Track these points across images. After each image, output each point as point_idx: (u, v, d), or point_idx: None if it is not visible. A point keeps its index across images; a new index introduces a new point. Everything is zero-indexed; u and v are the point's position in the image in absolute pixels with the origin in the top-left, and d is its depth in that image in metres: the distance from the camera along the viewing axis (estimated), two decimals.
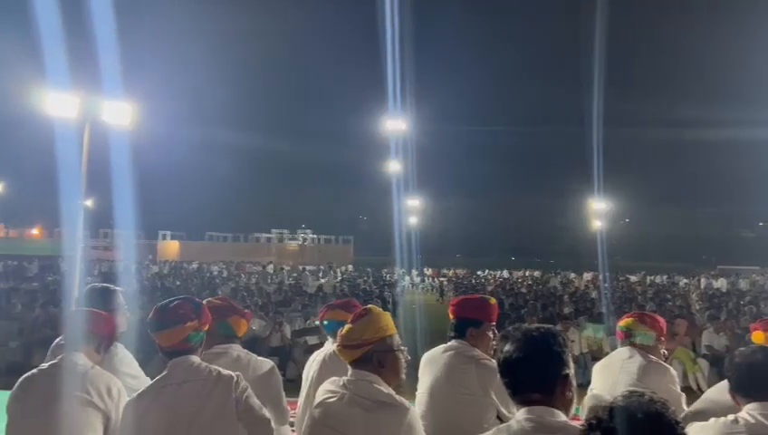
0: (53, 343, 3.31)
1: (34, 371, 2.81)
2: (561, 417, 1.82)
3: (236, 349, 3.21)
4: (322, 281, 25.41)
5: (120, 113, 9.35)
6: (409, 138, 26.18)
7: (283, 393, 3.24)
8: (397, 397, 2.47)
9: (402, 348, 2.66)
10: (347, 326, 2.66)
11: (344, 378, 2.56)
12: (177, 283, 23.33)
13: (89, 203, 10.13)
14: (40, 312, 12.03)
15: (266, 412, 2.62)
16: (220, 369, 2.61)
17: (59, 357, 2.80)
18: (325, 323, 3.64)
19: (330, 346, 3.57)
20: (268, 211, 69.83)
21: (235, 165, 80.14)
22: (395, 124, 24.52)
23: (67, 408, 2.61)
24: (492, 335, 3.22)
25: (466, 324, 3.21)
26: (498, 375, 3.04)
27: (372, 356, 2.53)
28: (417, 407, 3.12)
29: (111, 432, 2.72)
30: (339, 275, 32.58)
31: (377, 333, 2.57)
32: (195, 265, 34.92)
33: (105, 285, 3.59)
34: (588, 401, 3.27)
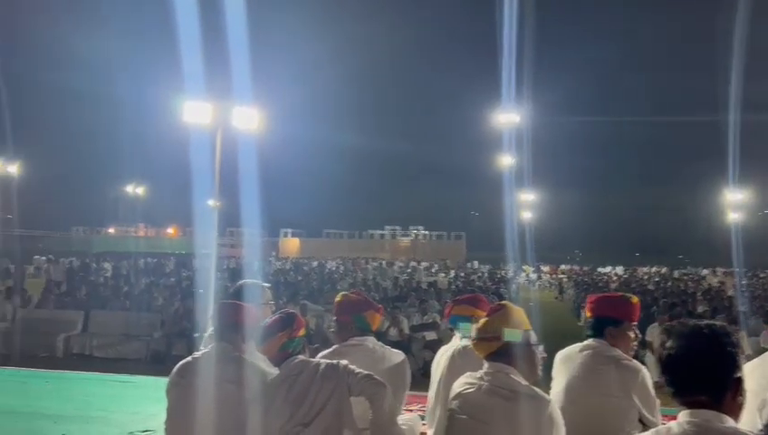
0: (207, 334, 3.59)
1: (189, 358, 3.06)
2: (731, 423, 1.69)
3: (371, 341, 3.33)
4: (439, 277, 25.44)
5: (248, 118, 9.90)
6: (524, 130, 25.51)
7: (408, 385, 3.34)
8: (537, 389, 2.45)
9: (538, 344, 2.63)
10: (482, 320, 2.67)
11: (481, 370, 2.58)
12: (299, 278, 24.36)
13: (218, 203, 10.80)
14: (179, 305, 13.05)
15: (377, 377, 2.76)
16: (327, 360, 2.82)
17: (210, 346, 3.02)
18: (452, 317, 3.65)
19: (457, 341, 3.57)
20: (382, 208, 71.13)
21: (351, 165, 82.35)
22: (508, 117, 24.00)
23: (220, 393, 2.82)
24: (633, 335, 3.07)
25: (605, 323, 3.07)
26: (641, 377, 2.91)
27: (509, 350, 2.52)
28: None
29: (249, 419, 2.92)
30: (452, 271, 32.50)
31: (514, 328, 2.56)
32: (315, 263, 36.24)
33: (256, 281, 3.83)
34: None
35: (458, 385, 2.65)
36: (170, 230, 65.69)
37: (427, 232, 62.17)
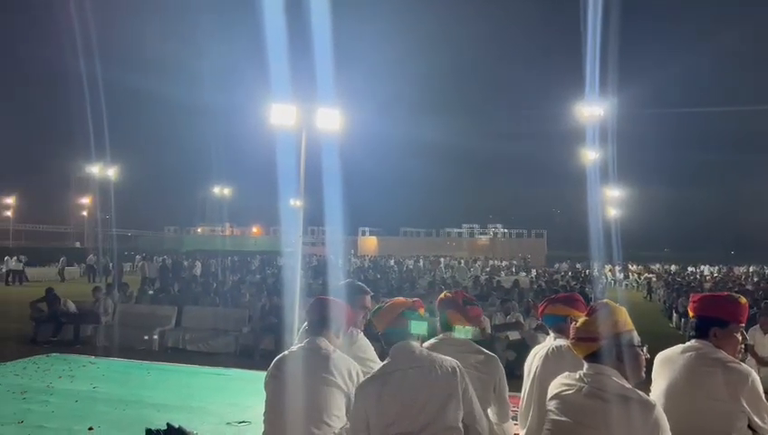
0: (301, 328, 3.70)
1: (286, 352, 3.16)
2: None
3: (454, 340, 3.30)
4: (520, 276, 24.95)
5: (331, 119, 10.07)
6: (609, 124, 24.55)
7: (506, 388, 3.26)
8: (641, 393, 2.35)
9: (642, 345, 2.52)
10: (582, 319, 2.59)
11: (580, 371, 2.49)
12: (378, 276, 24.59)
13: (302, 203, 11.07)
14: (265, 301, 13.47)
15: (480, 410, 2.71)
16: (442, 357, 2.71)
17: (305, 341, 3.10)
18: (546, 316, 3.57)
19: (551, 341, 3.49)
20: (460, 206, 70.50)
21: (429, 162, 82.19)
22: (592, 110, 23.18)
23: (315, 386, 2.89)
24: (740, 338, 2.90)
25: (710, 324, 2.91)
26: (750, 381, 2.74)
27: (610, 351, 2.43)
28: None
29: (349, 413, 2.96)
30: (533, 270, 31.81)
31: (615, 328, 2.46)
32: (392, 261, 36.46)
33: (359, 284, 3.91)
34: None
35: (555, 386, 2.58)
36: (254, 229, 67.95)
37: (506, 230, 61.15)
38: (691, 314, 3.04)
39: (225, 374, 5.97)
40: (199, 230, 67.99)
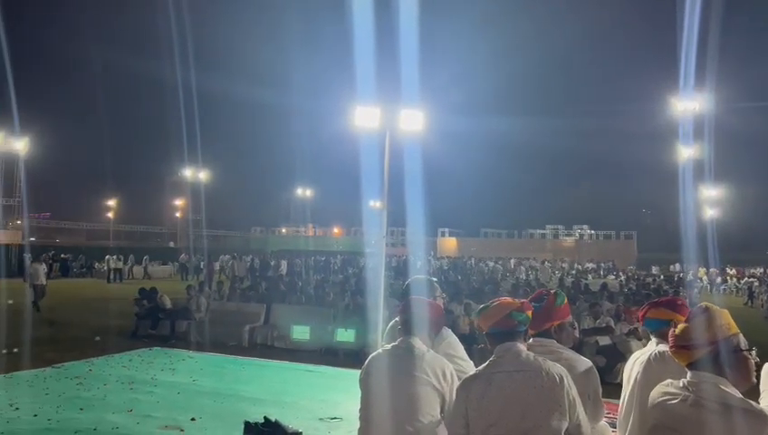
0: (388, 325, 3.73)
1: (379, 351, 3.19)
2: None
3: (555, 345, 3.20)
4: (609, 279, 24.06)
5: (414, 120, 10.09)
6: (705, 119, 23.19)
7: (601, 390, 3.14)
8: (753, 403, 2.19)
9: (750, 348, 2.35)
10: (681, 326, 2.44)
11: (684, 380, 2.35)
12: (459, 277, 24.42)
13: (379, 205, 11.17)
14: (349, 301, 13.69)
15: (588, 425, 2.61)
16: (549, 363, 2.62)
17: (399, 340, 3.12)
18: (648, 320, 3.40)
19: (653, 346, 3.33)
20: (543, 207, 68.66)
21: (511, 162, 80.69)
22: (687, 105, 21.98)
23: (410, 385, 2.90)
24: None
25: None
26: None
27: (715, 357, 2.28)
28: None
29: (446, 412, 2.94)
30: (622, 273, 30.56)
31: (719, 333, 2.30)
32: (472, 261, 36.10)
33: (426, 276, 3.90)
34: None
35: (657, 394, 2.44)
36: (335, 230, 69.25)
37: (592, 231, 59.09)
38: None
39: (313, 371, 6.12)
40: (284, 231, 70.07)
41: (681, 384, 2.33)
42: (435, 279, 3.95)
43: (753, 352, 2.36)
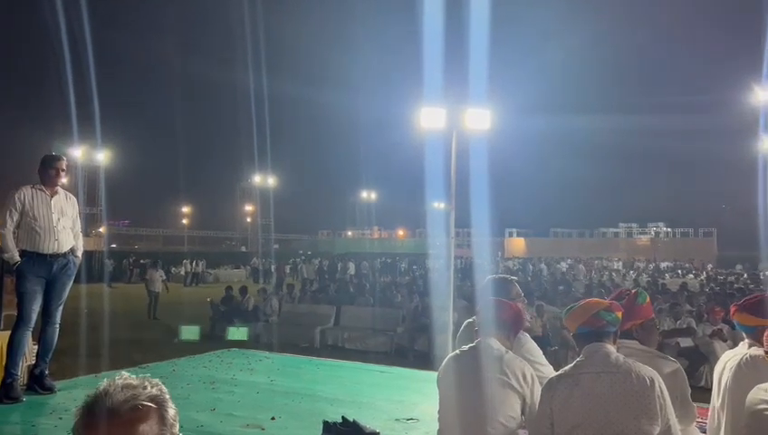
0: (463, 325, 3.70)
1: (457, 351, 3.17)
2: None
3: (638, 345, 3.10)
4: (688, 278, 23.05)
5: (481, 120, 10.00)
6: None
7: (689, 390, 3.01)
8: None
9: None
10: None
11: None
12: (528, 278, 23.97)
13: (444, 206, 11.11)
14: (417, 302, 13.72)
15: (678, 430, 2.52)
16: (640, 365, 2.54)
17: (477, 341, 3.09)
18: (737, 324, 3.24)
19: (744, 348, 3.16)
20: (616, 204, 66.25)
21: (582, 159, 78.23)
22: None
23: (489, 386, 2.87)
24: None
25: None
26: None
27: None
28: None
29: (528, 414, 2.90)
30: (702, 272, 29.16)
31: None
32: (543, 263, 35.37)
33: (504, 275, 3.85)
34: None
35: (753, 401, 2.31)
36: (400, 232, 69.50)
37: (669, 229, 56.70)
38: None
39: (387, 372, 6.16)
40: (350, 233, 70.90)
41: None
42: (515, 278, 3.89)
43: None
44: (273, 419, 4.22)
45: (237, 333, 11.54)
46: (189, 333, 11.82)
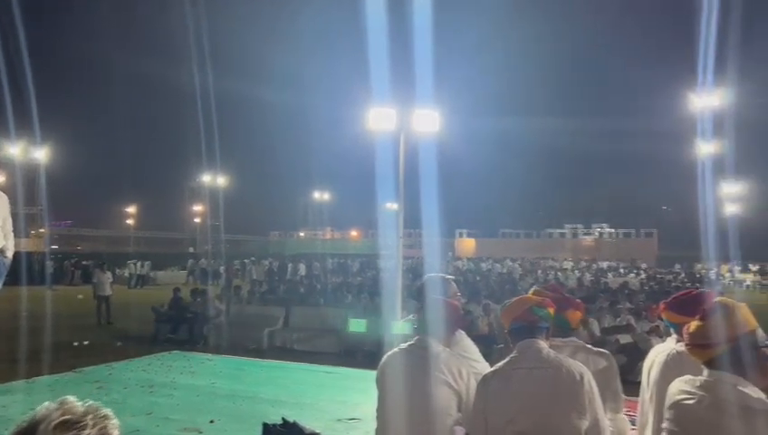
0: (401, 322, 3.71)
1: (396, 350, 3.18)
2: None
3: (575, 342, 3.18)
4: (629, 277, 23.84)
5: (429, 121, 10.08)
6: (726, 114, 22.84)
7: (620, 383, 3.12)
8: None
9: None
10: (694, 323, 2.36)
11: (700, 378, 2.29)
12: (477, 278, 24.33)
13: (400, 207, 11.16)
14: (367, 302, 13.73)
15: (606, 424, 2.59)
16: (570, 360, 2.61)
17: (414, 338, 3.11)
18: (665, 321, 3.35)
19: (672, 343, 3.27)
20: (562, 206, 67.93)
21: (529, 162, 79.78)
22: (706, 100, 21.69)
23: (426, 384, 2.89)
24: None
25: None
26: None
27: (732, 355, 2.20)
28: None
29: (464, 410, 2.93)
30: (642, 271, 30.20)
31: (734, 330, 2.21)
32: (489, 263, 35.94)
33: (442, 274, 3.88)
34: None
35: (674, 392, 2.38)
36: (353, 233, 69.35)
37: (612, 230, 58.53)
38: None
39: (332, 372, 6.14)
40: (301, 234, 70.35)
41: (697, 383, 2.25)
42: (452, 277, 3.93)
43: None
44: (211, 422, 4.14)
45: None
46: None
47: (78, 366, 6.42)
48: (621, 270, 30.62)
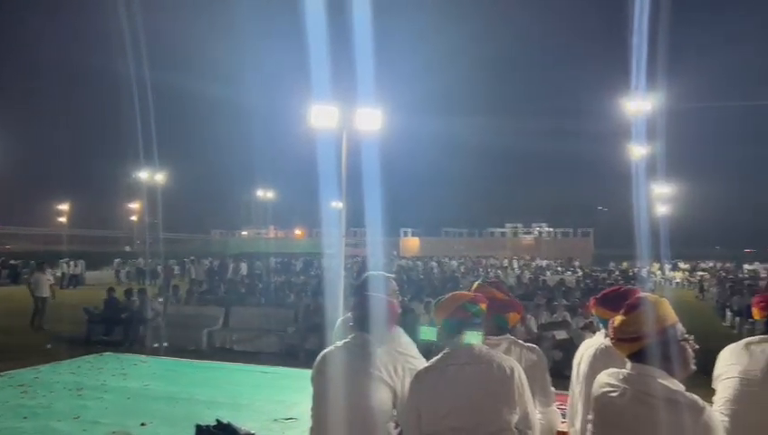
0: (336, 324, 3.70)
1: (332, 347, 3.16)
2: None
3: (508, 340, 3.25)
4: (566, 275, 24.57)
5: (371, 119, 10.08)
6: (658, 119, 23.85)
7: (549, 378, 3.22)
8: (688, 394, 2.22)
9: (688, 337, 2.38)
10: (619, 318, 2.44)
11: (624, 371, 2.36)
12: (421, 276, 24.56)
13: (343, 205, 11.13)
14: (310, 302, 13.63)
15: (536, 417, 2.67)
16: (501, 356, 2.66)
17: (350, 336, 3.10)
18: (594, 314, 3.46)
19: (600, 338, 3.38)
20: (503, 206, 69.46)
21: (470, 162, 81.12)
22: (639, 105, 22.56)
23: (361, 381, 2.88)
24: None
25: None
26: None
27: (654, 348, 2.29)
28: (728, 405, 2.80)
29: (399, 406, 2.94)
30: (579, 269, 31.20)
31: (656, 324, 2.29)
32: (435, 261, 36.34)
33: (381, 272, 3.87)
34: None
35: (600, 385, 2.45)
36: (297, 232, 68.76)
37: (551, 229, 60.24)
38: (758, 314, 2.91)
39: (271, 372, 6.06)
40: (244, 233, 69.22)
41: (621, 376, 2.32)
42: (392, 275, 3.94)
43: (691, 339, 2.37)
44: (143, 424, 4.02)
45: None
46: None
47: (1, 370, 6.10)
48: (559, 268, 31.55)
